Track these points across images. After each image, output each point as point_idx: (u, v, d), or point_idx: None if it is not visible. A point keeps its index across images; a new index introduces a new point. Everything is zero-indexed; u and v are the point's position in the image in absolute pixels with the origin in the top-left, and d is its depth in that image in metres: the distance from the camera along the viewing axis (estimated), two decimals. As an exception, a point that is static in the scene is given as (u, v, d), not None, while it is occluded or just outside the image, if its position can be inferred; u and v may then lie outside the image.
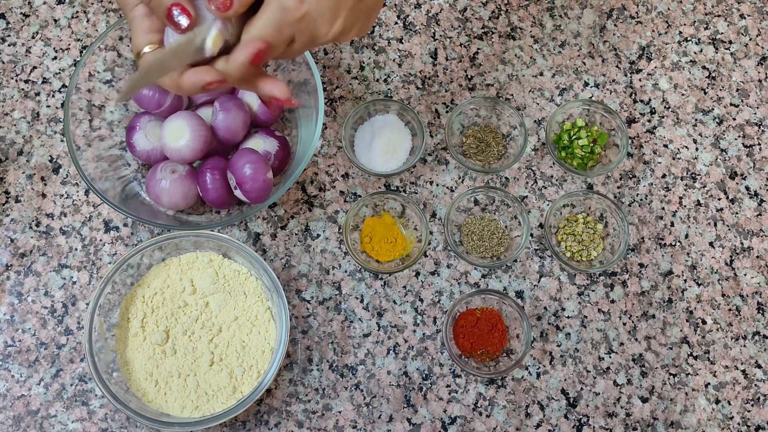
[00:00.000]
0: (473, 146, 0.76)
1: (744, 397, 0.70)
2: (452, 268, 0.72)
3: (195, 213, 0.71)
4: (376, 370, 0.69)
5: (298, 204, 0.73)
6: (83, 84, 0.68)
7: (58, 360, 0.67)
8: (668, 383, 0.70)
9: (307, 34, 0.50)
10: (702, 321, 0.72)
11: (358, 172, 0.75)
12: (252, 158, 0.65)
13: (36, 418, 0.66)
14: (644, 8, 0.83)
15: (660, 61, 0.81)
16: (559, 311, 0.71)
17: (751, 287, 0.73)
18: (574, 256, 0.72)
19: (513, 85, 0.79)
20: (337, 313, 0.70)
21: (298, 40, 0.51)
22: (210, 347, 0.65)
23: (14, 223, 0.71)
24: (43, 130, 0.74)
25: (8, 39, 0.77)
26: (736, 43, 0.82)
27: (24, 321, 0.68)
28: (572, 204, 0.74)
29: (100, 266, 0.70)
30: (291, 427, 0.67)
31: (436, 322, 0.70)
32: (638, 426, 0.68)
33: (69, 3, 0.79)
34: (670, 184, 0.76)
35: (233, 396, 0.64)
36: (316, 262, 0.72)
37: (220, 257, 0.68)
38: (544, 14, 0.82)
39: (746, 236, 0.75)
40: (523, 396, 0.69)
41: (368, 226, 0.72)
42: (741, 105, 0.80)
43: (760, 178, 0.77)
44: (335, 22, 0.50)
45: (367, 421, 0.67)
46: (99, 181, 0.66)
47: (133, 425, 0.66)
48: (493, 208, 0.74)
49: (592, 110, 0.76)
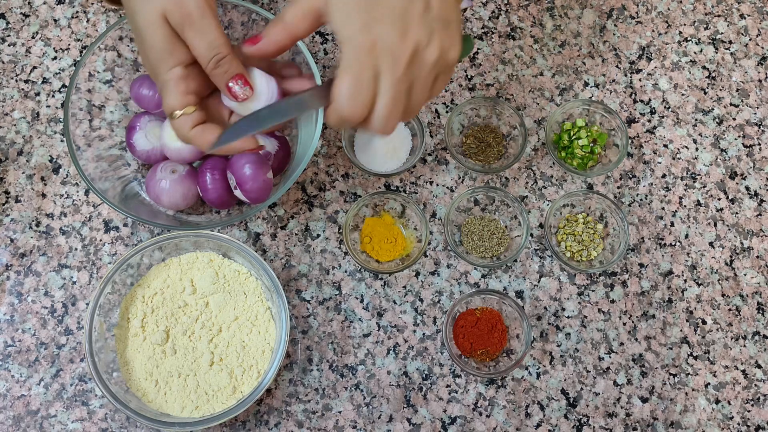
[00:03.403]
0: (473, 146, 0.76)
1: (744, 397, 0.70)
2: (452, 268, 0.72)
3: (195, 213, 0.71)
4: (376, 370, 0.69)
5: (298, 204, 0.73)
6: (83, 84, 0.68)
7: (58, 360, 0.67)
8: (668, 383, 0.70)
9: (386, 57, 0.50)
10: (702, 321, 0.72)
11: (358, 172, 0.75)
12: (252, 158, 0.65)
13: (36, 418, 0.66)
14: (644, 8, 0.83)
15: (660, 61, 0.81)
16: (559, 311, 0.71)
17: (751, 287, 0.73)
18: (574, 256, 0.72)
19: (513, 85, 0.79)
20: (337, 313, 0.70)
21: (383, 71, 0.51)
22: (210, 347, 0.65)
23: (14, 223, 0.71)
24: (43, 130, 0.74)
25: (8, 39, 0.77)
26: (736, 43, 0.82)
27: (24, 321, 0.68)
28: (572, 204, 0.74)
29: (100, 266, 0.70)
30: (291, 427, 0.67)
31: (436, 322, 0.70)
32: (638, 426, 0.68)
33: (69, 3, 0.79)
34: (670, 184, 0.76)
35: (233, 396, 0.64)
36: (316, 262, 0.72)
37: (220, 257, 0.68)
38: (544, 14, 0.82)
39: (746, 236, 0.75)
40: (523, 396, 0.69)
41: (368, 226, 0.72)
42: (741, 105, 0.80)
43: (760, 178, 0.77)
44: (407, 35, 0.50)
45: (367, 421, 0.67)
46: (99, 181, 0.66)
47: (133, 425, 0.66)
48: (493, 208, 0.74)
49: (592, 110, 0.76)
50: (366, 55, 0.50)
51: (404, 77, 0.51)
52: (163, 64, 0.53)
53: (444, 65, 0.54)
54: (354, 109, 0.51)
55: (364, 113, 0.52)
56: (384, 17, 0.50)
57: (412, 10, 0.50)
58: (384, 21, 0.50)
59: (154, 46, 0.52)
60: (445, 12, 0.52)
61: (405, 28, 0.50)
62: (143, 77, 0.69)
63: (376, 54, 0.50)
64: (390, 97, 0.51)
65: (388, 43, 0.50)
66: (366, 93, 0.51)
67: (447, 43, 0.53)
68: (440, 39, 0.52)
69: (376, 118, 0.52)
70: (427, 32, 0.51)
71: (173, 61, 0.53)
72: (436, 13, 0.52)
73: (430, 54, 0.52)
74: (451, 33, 0.53)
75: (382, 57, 0.50)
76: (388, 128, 0.53)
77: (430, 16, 0.51)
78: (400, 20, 0.50)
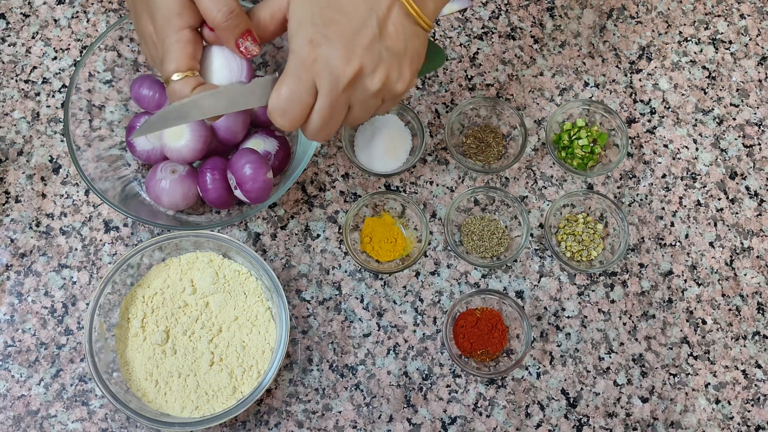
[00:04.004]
0: (473, 146, 0.76)
1: (744, 397, 0.70)
2: (452, 268, 0.72)
3: (195, 213, 0.71)
4: (376, 370, 0.69)
5: (298, 204, 0.73)
6: (83, 84, 0.68)
7: (58, 360, 0.67)
8: (668, 383, 0.70)
9: (326, 75, 0.51)
10: (702, 321, 0.72)
11: (358, 172, 0.75)
12: (252, 158, 0.65)
13: (36, 418, 0.66)
14: (644, 8, 0.83)
15: (660, 61, 0.81)
16: (559, 311, 0.71)
17: (751, 287, 0.73)
18: (574, 256, 0.72)
19: (513, 85, 0.79)
20: (337, 313, 0.70)
21: (321, 87, 0.52)
22: (210, 347, 0.65)
23: (14, 223, 0.71)
24: (43, 130, 0.74)
25: (8, 39, 0.77)
26: (736, 43, 0.82)
27: (24, 321, 0.68)
28: (572, 204, 0.74)
29: (100, 266, 0.70)
30: (291, 427, 0.67)
31: (436, 322, 0.70)
32: (638, 426, 0.68)
33: (69, 3, 0.79)
34: (670, 184, 0.76)
35: (233, 396, 0.64)
36: (316, 262, 0.72)
37: (220, 257, 0.68)
38: (544, 14, 0.82)
39: (746, 236, 0.75)
40: (523, 396, 0.69)
41: (368, 226, 0.72)
42: (741, 105, 0.80)
43: (760, 178, 0.77)
44: (351, 60, 0.51)
45: (367, 421, 0.67)
46: (99, 181, 0.66)
47: (133, 425, 0.66)
48: (493, 208, 0.74)
49: (592, 110, 0.76)
50: (305, 70, 0.51)
51: (341, 98, 0.52)
52: (171, 26, 0.52)
53: (389, 94, 0.54)
54: (285, 117, 0.53)
55: (296, 122, 0.53)
56: (333, 37, 0.50)
57: (363, 35, 0.51)
58: (332, 41, 0.50)
59: (164, 5, 0.52)
60: (399, 44, 0.52)
61: (350, 52, 0.50)
62: (143, 77, 0.69)
63: (316, 71, 0.51)
64: (323, 114, 0.52)
65: (331, 63, 0.50)
66: (299, 105, 0.52)
67: (394, 75, 0.53)
68: (386, 70, 0.52)
69: (309, 128, 0.54)
70: (373, 60, 0.51)
71: (182, 23, 0.52)
72: (389, 44, 0.52)
73: (373, 83, 0.52)
74: (402, 66, 0.53)
75: (322, 75, 0.51)
76: (319, 138, 0.55)
77: (381, 45, 0.51)
78: (349, 43, 0.50)
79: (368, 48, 0.51)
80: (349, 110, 0.54)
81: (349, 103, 0.54)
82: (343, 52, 0.50)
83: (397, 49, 0.52)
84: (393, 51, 0.52)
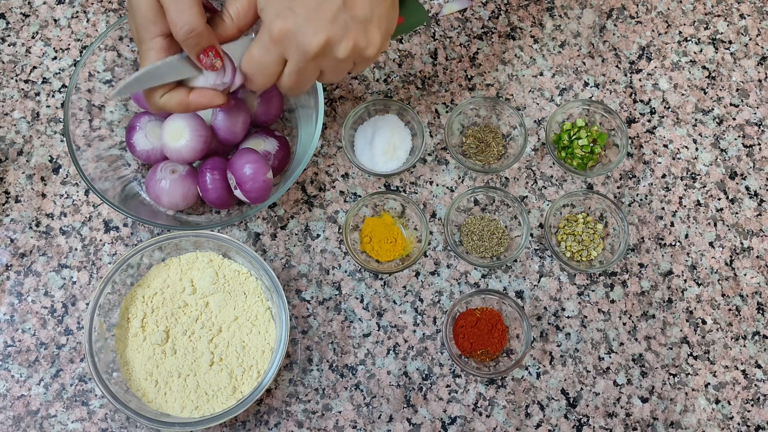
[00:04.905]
0: (473, 146, 0.76)
1: (744, 397, 0.70)
2: (452, 268, 0.72)
3: (195, 213, 0.71)
4: (376, 370, 0.69)
5: (298, 204, 0.73)
6: (83, 84, 0.68)
7: (58, 360, 0.67)
8: (668, 383, 0.70)
9: (294, 49, 0.53)
10: (702, 321, 0.72)
11: (358, 172, 0.75)
12: (252, 158, 0.65)
13: (36, 418, 0.66)
14: (644, 8, 0.83)
15: (660, 61, 0.81)
16: (559, 311, 0.71)
17: (751, 287, 0.73)
18: (574, 256, 0.72)
19: (513, 85, 0.79)
20: (337, 313, 0.70)
21: (289, 58, 0.54)
22: (210, 347, 0.65)
23: (14, 223, 0.71)
24: (43, 130, 0.74)
25: (8, 39, 0.77)
26: (736, 43, 0.82)
27: (24, 321, 0.68)
28: (572, 204, 0.74)
29: (100, 266, 0.70)
30: (291, 427, 0.67)
31: (436, 322, 0.70)
32: (638, 426, 0.68)
33: (69, 3, 0.79)
34: (670, 184, 0.76)
35: (233, 396, 0.64)
36: (316, 262, 0.72)
37: (220, 257, 0.68)
38: (544, 14, 0.82)
39: (746, 236, 0.75)
40: (523, 396, 0.69)
41: (368, 226, 0.72)
42: (741, 105, 0.80)
43: (760, 178, 0.77)
44: (317, 33, 0.52)
45: (367, 421, 0.67)
46: (99, 181, 0.66)
47: (133, 425, 0.66)
48: (493, 208, 0.74)
49: (592, 110, 0.76)
50: (273, 43, 0.53)
51: (311, 66, 0.55)
52: (147, 33, 0.54)
53: (360, 58, 0.56)
54: (256, 78, 0.56)
55: (264, 86, 0.57)
56: (299, 11, 0.52)
57: (327, 7, 0.52)
58: (298, 14, 0.52)
59: (140, 12, 0.54)
60: (364, 11, 0.53)
61: (316, 25, 0.52)
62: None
63: (284, 45, 0.53)
64: (292, 78, 0.56)
65: (298, 38, 0.52)
66: (266, 74, 0.55)
67: (362, 42, 0.55)
68: (354, 38, 0.54)
69: (281, 87, 0.57)
70: (339, 31, 0.53)
71: (156, 31, 0.54)
72: (355, 12, 0.53)
73: (341, 50, 0.54)
74: (369, 32, 0.55)
75: (290, 49, 0.53)
76: (292, 94, 0.59)
77: (347, 15, 0.53)
78: (314, 16, 0.52)
79: (333, 20, 0.52)
80: (321, 74, 0.57)
81: (319, 68, 0.56)
82: (309, 25, 0.52)
83: (363, 16, 0.54)
84: (359, 19, 0.53)
